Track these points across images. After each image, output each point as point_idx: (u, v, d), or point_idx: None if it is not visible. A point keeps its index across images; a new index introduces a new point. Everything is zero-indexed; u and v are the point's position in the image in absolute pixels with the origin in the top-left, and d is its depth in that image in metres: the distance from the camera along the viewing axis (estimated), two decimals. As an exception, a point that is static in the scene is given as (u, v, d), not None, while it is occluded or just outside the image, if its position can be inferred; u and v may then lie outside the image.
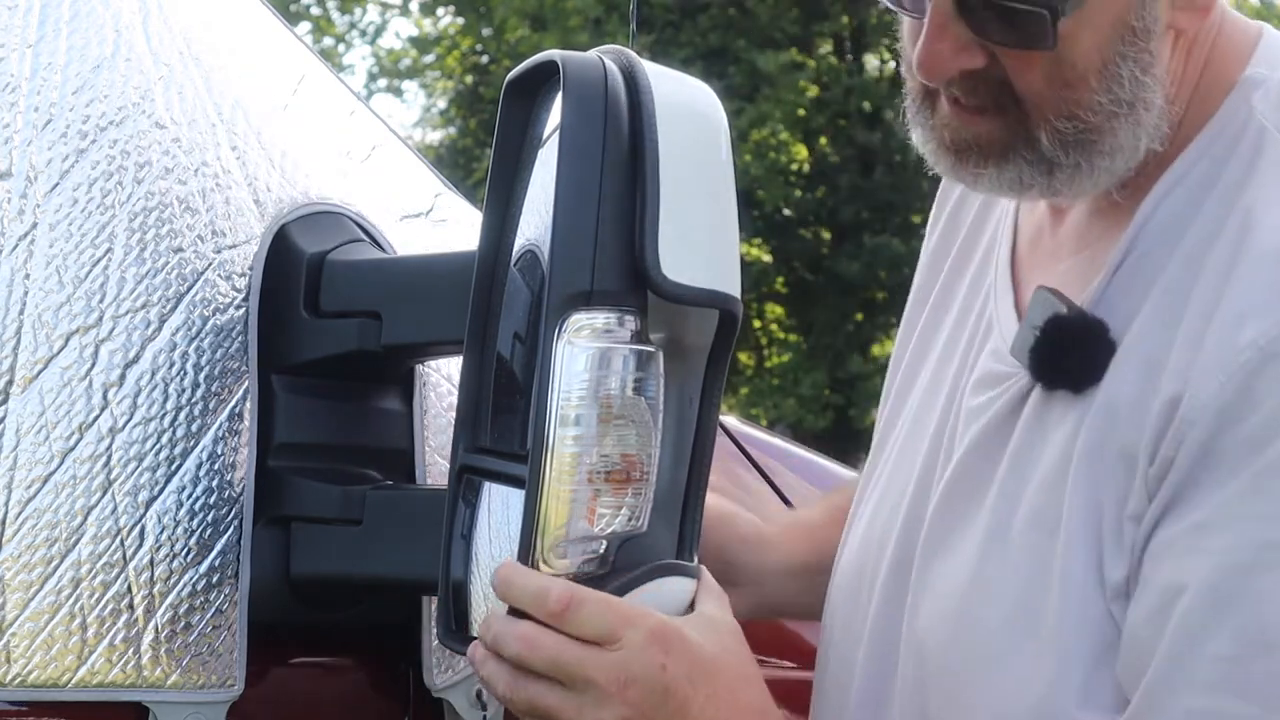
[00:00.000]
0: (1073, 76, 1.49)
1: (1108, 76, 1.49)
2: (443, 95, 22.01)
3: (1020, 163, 1.52)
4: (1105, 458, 1.46)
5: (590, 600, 1.42)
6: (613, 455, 1.45)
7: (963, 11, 1.47)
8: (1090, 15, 1.46)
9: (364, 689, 1.86)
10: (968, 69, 1.50)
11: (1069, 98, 1.49)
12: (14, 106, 1.68)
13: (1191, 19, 1.51)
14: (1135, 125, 1.51)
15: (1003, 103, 1.51)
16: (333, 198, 1.85)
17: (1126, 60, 1.49)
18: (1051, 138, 1.51)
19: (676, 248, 1.46)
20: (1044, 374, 1.52)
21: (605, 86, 1.48)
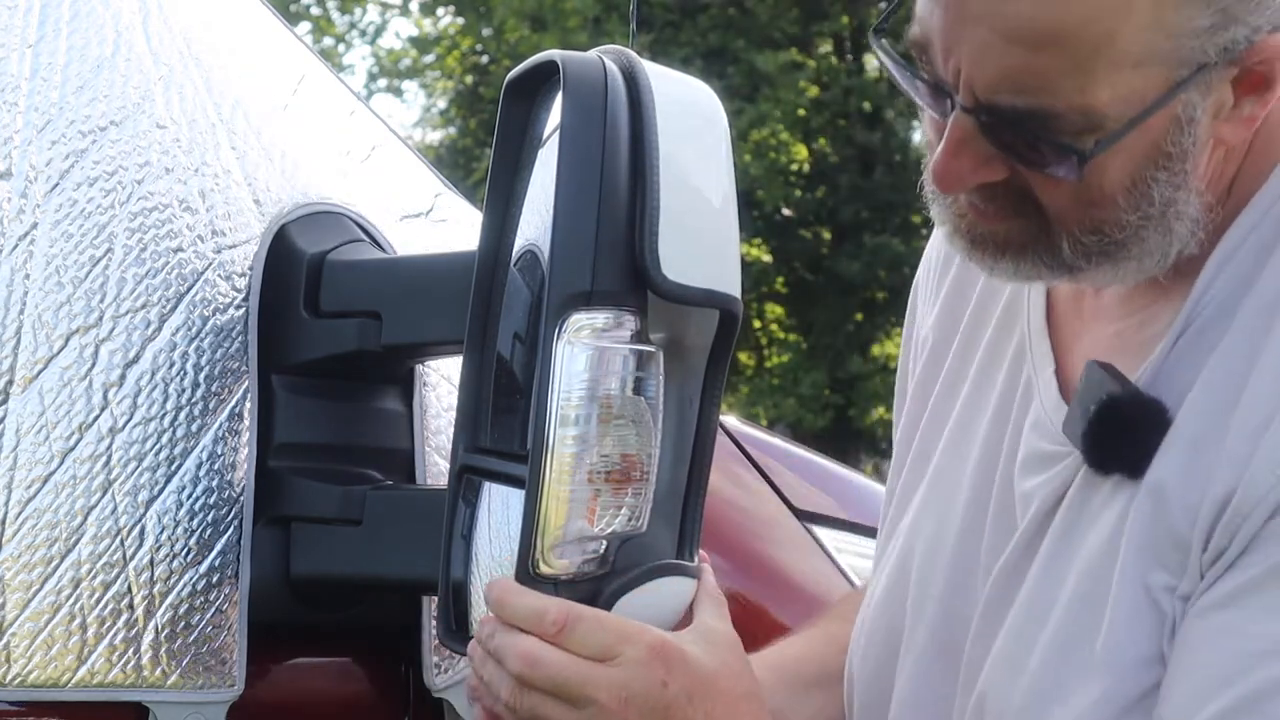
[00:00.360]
0: (1099, 197, 1.41)
1: (1137, 195, 1.41)
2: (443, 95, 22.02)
3: (1040, 265, 1.45)
4: (1156, 541, 1.41)
5: (587, 618, 1.41)
6: (612, 455, 1.45)
7: (986, 131, 1.39)
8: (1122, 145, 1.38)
9: (364, 689, 1.86)
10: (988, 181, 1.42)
11: (1094, 215, 1.42)
12: (14, 106, 1.68)
13: (1237, 130, 1.42)
14: (1166, 233, 1.43)
15: (1024, 210, 1.44)
16: (333, 198, 1.85)
17: (1159, 182, 1.41)
18: (1074, 247, 1.43)
19: (676, 247, 1.46)
20: (1098, 459, 1.45)
21: (605, 86, 1.48)
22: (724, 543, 2.18)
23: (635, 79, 1.48)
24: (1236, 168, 1.46)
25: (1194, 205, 1.43)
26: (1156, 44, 1.35)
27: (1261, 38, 1.37)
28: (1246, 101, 1.40)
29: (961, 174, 1.42)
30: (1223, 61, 1.37)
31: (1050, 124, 1.36)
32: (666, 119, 1.47)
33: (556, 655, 1.40)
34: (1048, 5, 1.33)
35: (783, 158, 18.84)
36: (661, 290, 1.45)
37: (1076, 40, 1.34)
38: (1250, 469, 1.37)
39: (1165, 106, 1.37)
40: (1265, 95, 1.40)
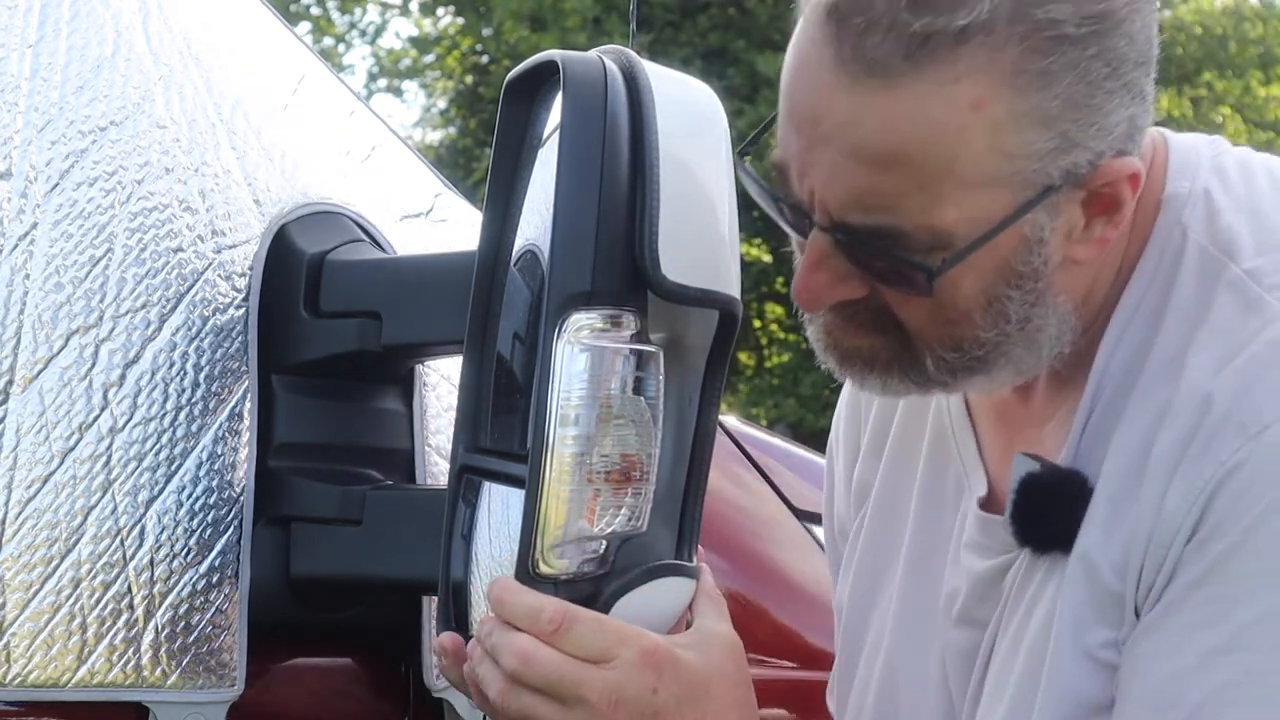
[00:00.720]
0: (955, 315, 1.44)
1: (993, 313, 1.44)
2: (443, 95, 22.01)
3: (906, 380, 1.48)
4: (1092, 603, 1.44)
5: (583, 619, 1.41)
6: (612, 455, 1.45)
7: (841, 249, 1.42)
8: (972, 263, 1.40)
9: (364, 689, 1.86)
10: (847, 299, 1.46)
11: (953, 332, 1.45)
12: (14, 106, 1.68)
13: (1089, 250, 1.45)
14: (1030, 345, 1.46)
15: (884, 327, 1.47)
16: (333, 198, 1.85)
17: (1013, 300, 1.43)
18: (937, 364, 1.46)
19: (676, 248, 1.46)
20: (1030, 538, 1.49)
21: (605, 86, 1.48)
22: (724, 543, 2.18)
23: (635, 79, 1.48)
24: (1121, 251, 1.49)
25: (1053, 320, 1.45)
26: (998, 166, 1.37)
27: (1105, 161, 1.39)
28: (1097, 223, 1.43)
29: (820, 291, 1.45)
30: (1068, 184, 1.39)
31: (899, 242, 1.39)
32: (666, 119, 1.47)
33: (550, 654, 1.40)
34: (890, 129, 1.36)
35: (783, 158, 18.82)
36: (661, 290, 1.45)
37: (919, 162, 1.37)
38: (1164, 506, 1.40)
39: (1012, 227, 1.39)
40: (1115, 217, 1.43)
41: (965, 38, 1.34)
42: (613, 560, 1.47)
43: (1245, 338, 1.42)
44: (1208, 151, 1.53)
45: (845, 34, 1.36)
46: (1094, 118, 1.38)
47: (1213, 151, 1.53)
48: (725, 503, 2.24)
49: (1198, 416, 1.41)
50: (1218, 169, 1.51)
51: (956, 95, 1.35)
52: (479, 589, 1.55)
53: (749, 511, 2.30)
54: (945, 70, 1.35)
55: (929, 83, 1.35)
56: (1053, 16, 1.35)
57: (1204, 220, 1.48)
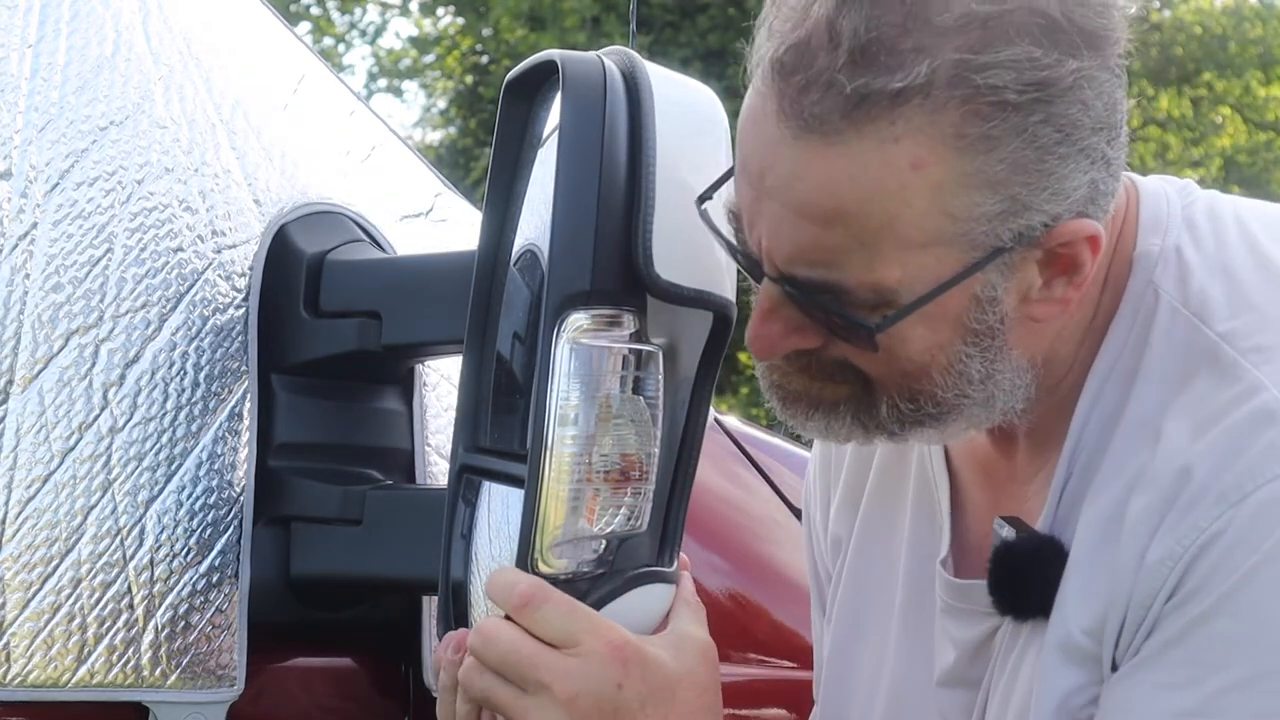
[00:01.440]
0: (912, 368, 1.43)
1: (953, 374, 1.43)
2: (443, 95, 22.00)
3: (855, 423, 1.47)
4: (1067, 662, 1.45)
5: (555, 600, 1.41)
6: (612, 455, 1.45)
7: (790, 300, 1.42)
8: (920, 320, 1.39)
9: (364, 689, 1.86)
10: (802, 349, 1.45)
11: (911, 385, 1.43)
12: (14, 106, 1.68)
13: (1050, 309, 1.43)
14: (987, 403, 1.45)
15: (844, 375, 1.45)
16: (333, 198, 1.85)
17: (973, 358, 1.42)
18: (891, 412, 1.45)
19: (671, 247, 1.46)
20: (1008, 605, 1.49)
21: (604, 86, 1.48)
22: (724, 543, 2.18)
23: (636, 79, 1.48)
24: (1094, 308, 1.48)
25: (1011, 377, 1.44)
26: (942, 227, 1.36)
27: (1062, 223, 1.38)
28: (1058, 283, 1.42)
29: (774, 340, 1.44)
30: (1021, 245, 1.38)
31: (842, 298, 1.39)
32: (666, 119, 1.47)
33: (512, 634, 1.40)
34: (831, 185, 1.36)
35: (783, 158, 18.82)
36: (655, 289, 1.45)
37: (859, 220, 1.36)
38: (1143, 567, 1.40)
39: (960, 285, 1.38)
40: (1075, 278, 1.41)
41: (903, 99, 1.33)
42: (612, 560, 1.47)
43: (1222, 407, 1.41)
44: (1178, 201, 1.51)
45: (787, 89, 1.36)
46: (1046, 182, 1.36)
47: (1183, 201, 1.52)
48: (725, 503, 2.24)
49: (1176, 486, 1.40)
50: (1188, 222, 1.50)
51: (896, 155, 1.34)
52: (479, 589, 1.55)
53: (749, 511, 2.30)
54: (884, 130, 1.34)
55: (868, 141, 1.34)
56: (992, 83, 1.33)
57: (1176, 281, 1.47)
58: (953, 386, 1.43)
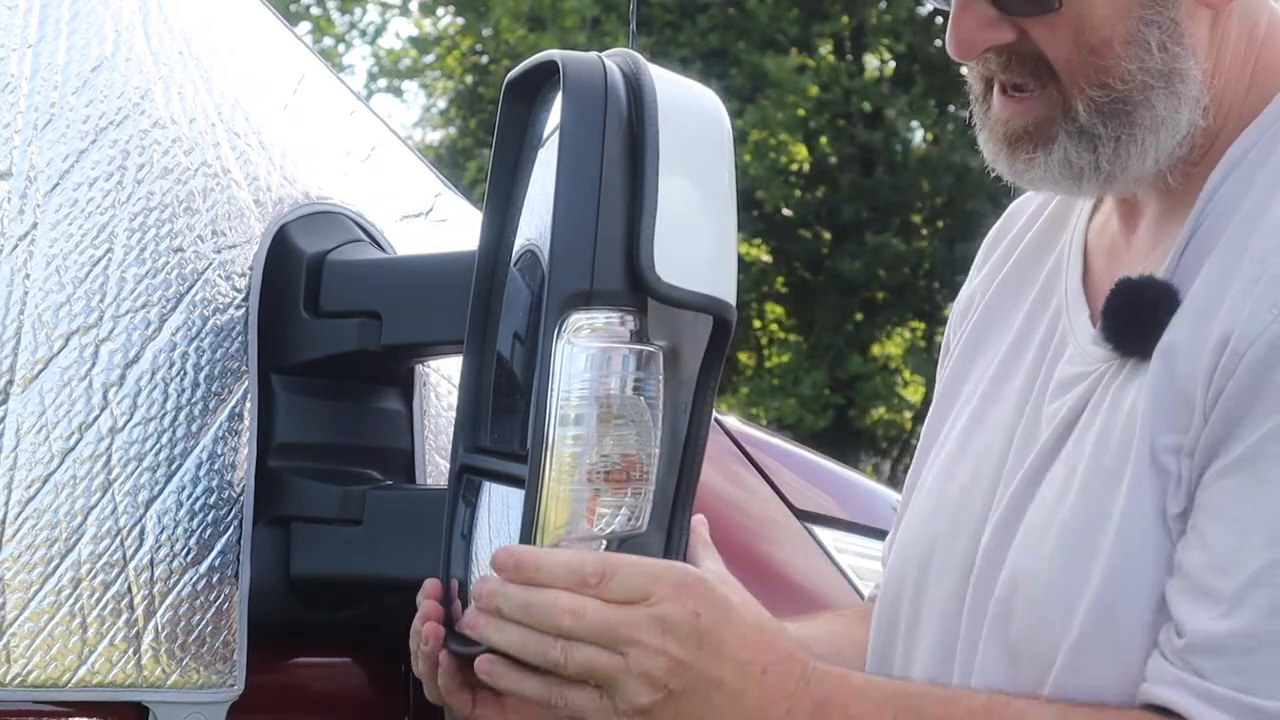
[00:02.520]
0: (1097, 41, 1.56)
1: (1135, 44, 1.56)
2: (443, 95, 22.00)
3: (1064, 140, 1.59)
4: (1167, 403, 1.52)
5: (622, 565, 1.45)
6: (612, 455, 1.45)
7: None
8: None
9: (364, 689, 1.86)
10: (998, 44, 1.58)
11: (1098, 64, 1.57)
12: (14, 106, 1.68)
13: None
14: (1173, 97, 1.57)
15: (1041, 76, 1.59)
16: (333, 198, 1.85)
17: (1151, 27, 1.56)
18: (1088, 106, 1.57)
19: (672, 249, 1.46)
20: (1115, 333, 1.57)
21: (605, 86, 1.48)
22: (724, 543, 2.17)
23: (639, 81, 1.49)
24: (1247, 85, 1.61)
25: (1196, 69, 1.57)
26: None
27: None
28: None
29: (971, 36, 1.59)
30: None
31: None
32: (669, 121, 1.47)
33: (598, 604, 1.44)
34: None
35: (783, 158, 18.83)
36: (654, 291, 1.45)
37: None
38: (1246, 310, 1.48)
39: None
40: None
41: None
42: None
43: None
44: None
45: None
46: None
47: None
48: (725, 503, 2.24)
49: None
50: None
51: None
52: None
53: (749, 511, 2.30)
54: None
55: None
56: None
57: None
58: (1135, 58, 1.56)
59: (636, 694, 1.44)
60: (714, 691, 1.46)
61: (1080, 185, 1.63)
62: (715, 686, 1.46)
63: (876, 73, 19.59)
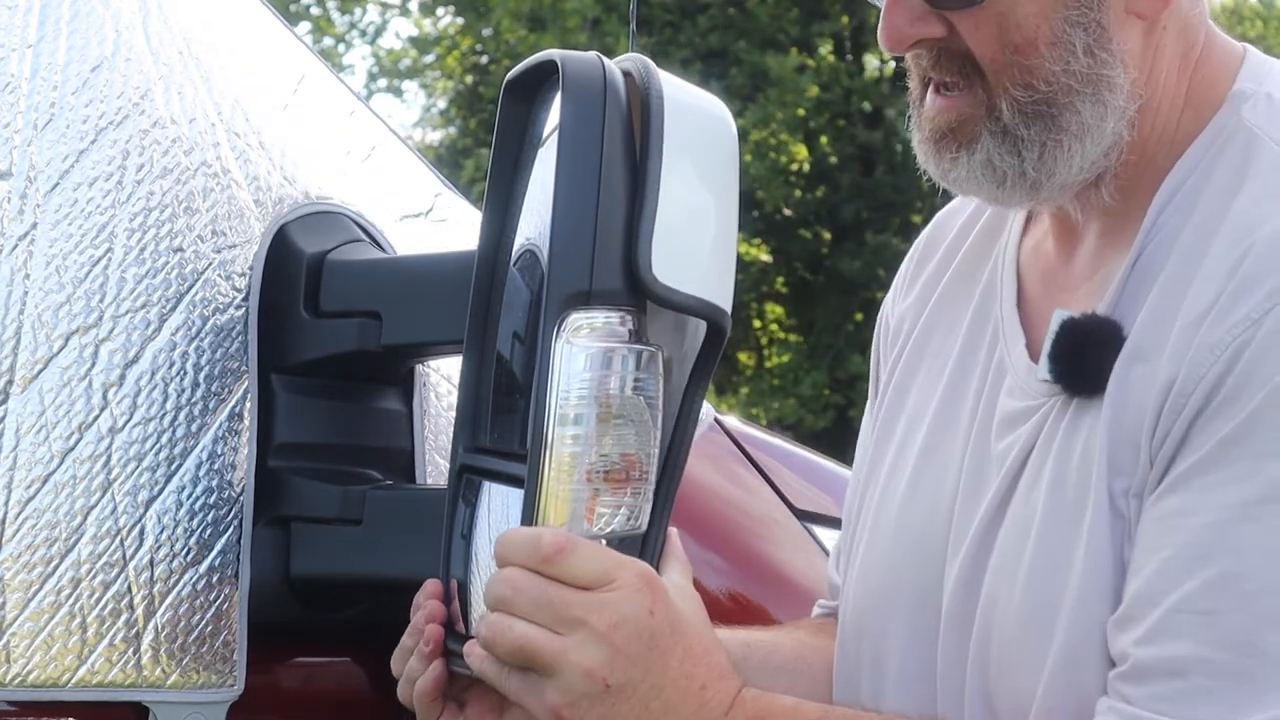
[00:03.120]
0: (1021, 40, 1.55)
1: (1060, 46, 1.55)
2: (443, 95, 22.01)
3: (986, 141, 1.59)
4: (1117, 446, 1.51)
5: (583, 545, 1.43)
6: (612, 455, 1.45)
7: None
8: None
9: (364, 689, 1.86)
10: (927, 38, 1.58)
11: (1022, 64, 1.56)
12: (14, 106, 1.68)
13: (1150, 5, 1.57)
14: (1099, 104, 1.57)
15: (968, 75, 1.58)
16: (333, 198, 1.85)
17: (1077, 29, 1.55)
18: (1011, 106, 1.57)
19: (670, 251, 1.46)
20: (1063, 376, 1.56)
21: (604, 86, 1.48)
22: (724, 543, 2.18)
23: (648, 87, 1.49)
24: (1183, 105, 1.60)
25: (1123, 81, 1.57)
26: None
27: None
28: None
29: (900, 29, 1.58)
30: None
31: None
32: (675, 126, 1.47)
33: (538, 580, 1.42)
34: None
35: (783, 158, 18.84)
36: (650, 292, 1.46)
37: None
38: (1191, 353, 1.47)
39: None
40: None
41: None
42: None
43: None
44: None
45: None
46: None
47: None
48: (725, 503, 2.24)
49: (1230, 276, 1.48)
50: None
51: None
52: (479, 589, 1.55)
53: (749, 511, 2.30)
54: None
55: None
56: None
57: (1265, 115, 1.58)
58: (1059, 60, 1.56)
59: (570, 684, 1.41)
60: (652, 698, 1.44)
61: (1004, 190, 1.62)
62: (655, 693, 1.44)
63: (876, 73, 19.59)
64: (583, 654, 1.42)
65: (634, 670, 1.43)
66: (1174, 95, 1.61)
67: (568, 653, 1.41)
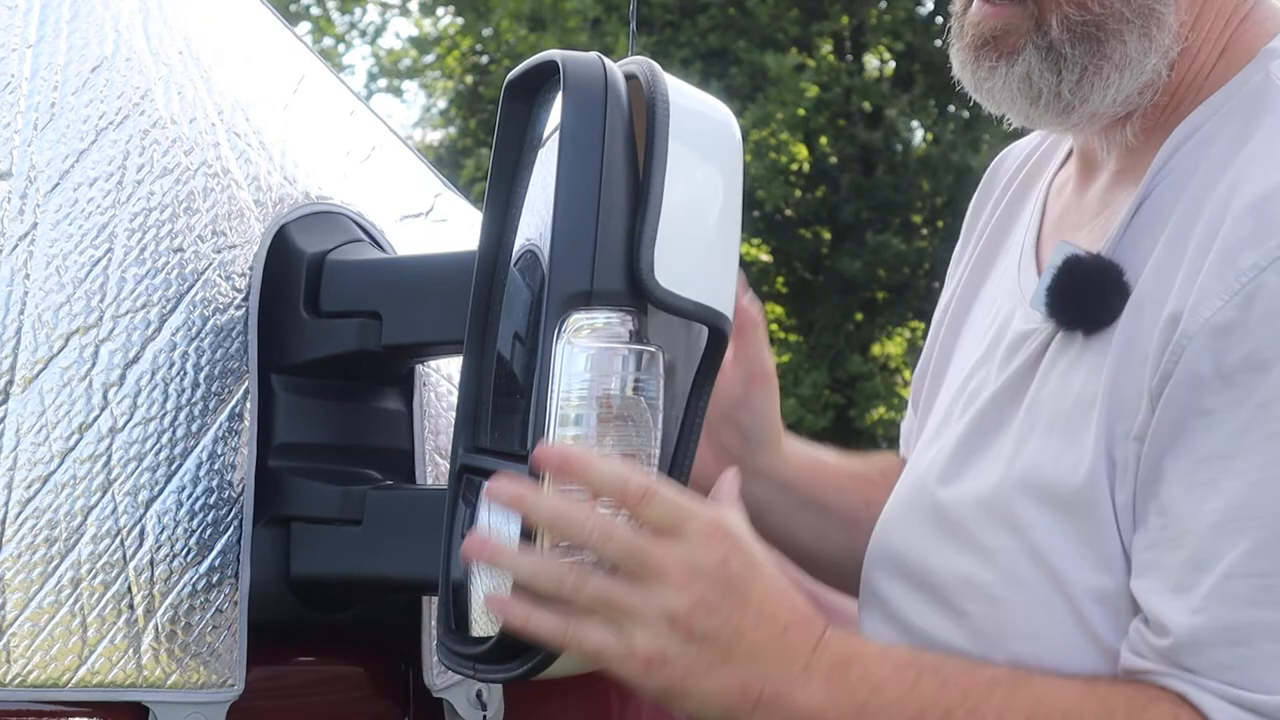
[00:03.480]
0: None
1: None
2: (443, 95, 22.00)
3: (1030, 55, 1.59)
4: (1125, 393, 1.51)
5: (663, 491, 1.42)
6: (612, 455, 1.45)
7: None
8: None
9: (364, 689, 1.86)
10: None
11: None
12: (14, 106, 1.68)
13: None
14: (1145, 38, 1.57)
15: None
16: (333, 198, 1.85)
17: None
18: (1061, 24, 1.57)
19: (673, 255, 1.46)
20: (1059, 313, 1.57)
21: (605, 86, 1.48)
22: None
23: (654, 91, 1.49)
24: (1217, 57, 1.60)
25: (1172, 20, 1.57)
26: None
27: None
28: None
29: None
30: None
31: None
32: (680, 130, 1.47)
33: (624, 528, 1.41)
34: None
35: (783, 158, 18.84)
36: (652, 296, 1.45)
37: None
38: (1195, 293, 1.47)
39: None
40: None
41: None
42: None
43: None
44: None
45: None
46: None
47: None
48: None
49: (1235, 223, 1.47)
50: None
51: None
52: (479, 589, 1.55)
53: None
54: None
55: None
56: None
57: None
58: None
59: (656, 632, 1.41)
60: (734, 641, 1.42)
61: (1036, 108, 1.62)
62: (736, 636, 1.43)
63: (876, 72, 19.59)
64: (667, 601, 1.41)
65: (714, 618, 1.42)
66: (1214, 45, 1.61)
67: (650, 600, 1.41)
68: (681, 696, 1.43)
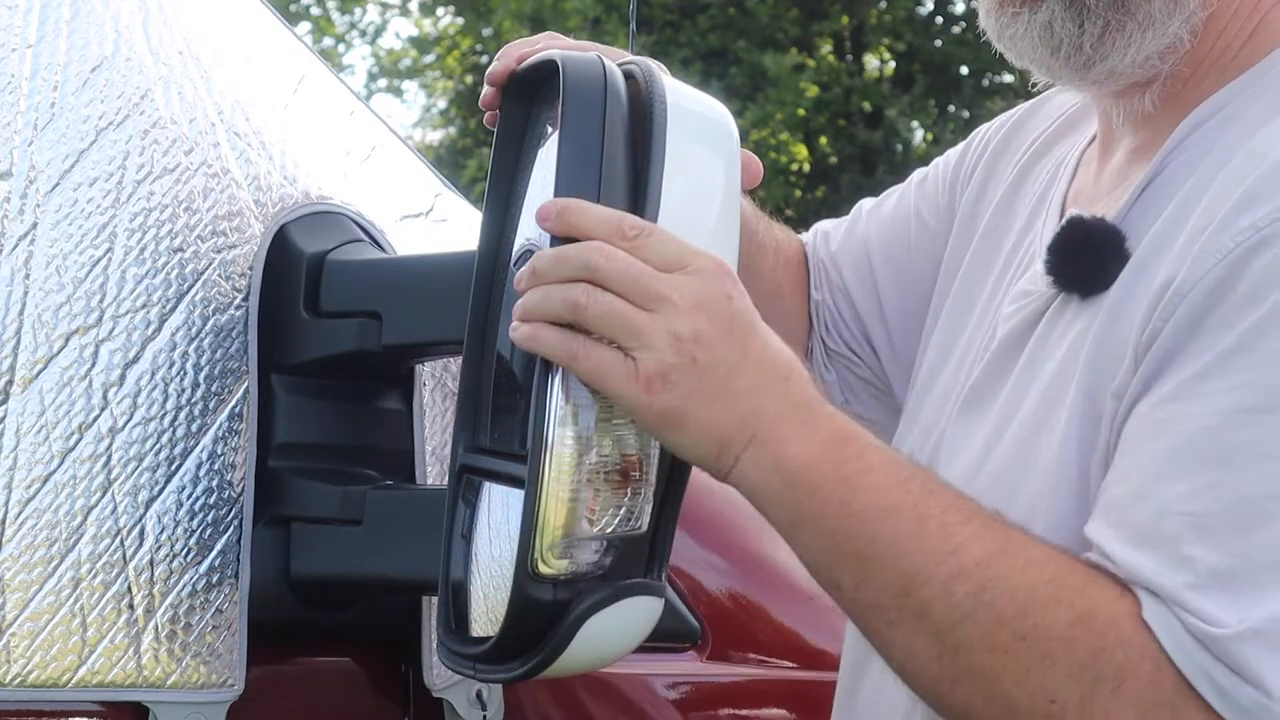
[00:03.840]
0: None
1: None
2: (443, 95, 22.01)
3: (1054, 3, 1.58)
4: (1108, 351, 1.51)
5: (660, 230, 1.43)
6: (612, 455, 1.45)
7: None
8: None
9: (364, 689, 1.86)
10: None
11: None
12: (14, 106, 1.68)
13: None
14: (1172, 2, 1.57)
15: None
16: (333, 198, 1.85)
17: None
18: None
19: None
20: (1056, 269, 1.58)
21: (605, 86, 1.48)
22: (724, 543, 2.18)
23: (651, 91, 1.49)
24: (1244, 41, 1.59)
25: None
26: None
27: None
28: None
29: None
30: None
31: None
32: (678, 130, 1.47)
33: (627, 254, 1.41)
34: None
35: (783, 158, 18.84)
36: None
37: None
38: (1191, 256, 1.46)
39: None
40: None
41: None
42: (608, 564, 1.47)
43: None
44: None
45: None
46: None
47: None
48: (725, 503, 2.24)
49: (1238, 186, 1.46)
50: None
51: None
52: (479, 589, 1.55)
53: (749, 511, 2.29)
54: None
55: None
56: None
57: None
58: None
59: (661, 352, 1.40)
60: (736, 376, 1.42)
61: (1056, 59, 1.62)
62: (737, 371, 1.42)
63: (876, 72, 19.59)
64: (672, 323, 1.40)
65: (716, 349, 1.41)
66: (1243, 22, 1.60)
67: (654, 326, 1.40)
68: (677, 424, 1.42)
